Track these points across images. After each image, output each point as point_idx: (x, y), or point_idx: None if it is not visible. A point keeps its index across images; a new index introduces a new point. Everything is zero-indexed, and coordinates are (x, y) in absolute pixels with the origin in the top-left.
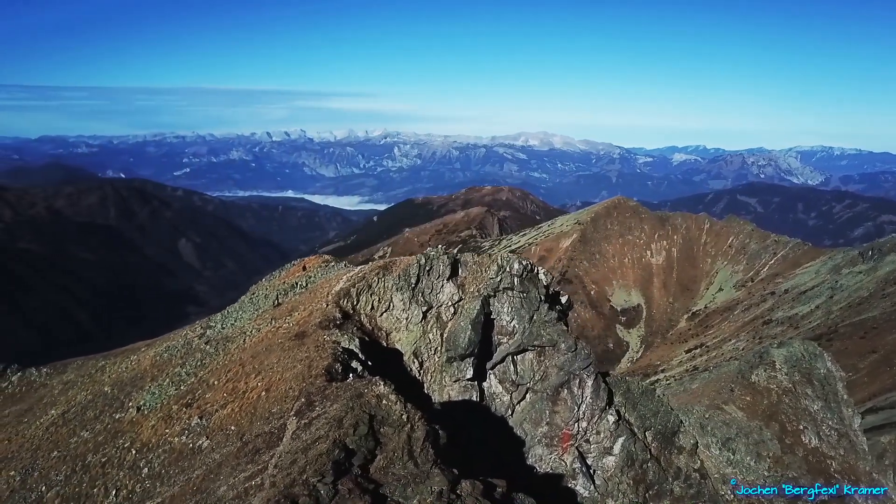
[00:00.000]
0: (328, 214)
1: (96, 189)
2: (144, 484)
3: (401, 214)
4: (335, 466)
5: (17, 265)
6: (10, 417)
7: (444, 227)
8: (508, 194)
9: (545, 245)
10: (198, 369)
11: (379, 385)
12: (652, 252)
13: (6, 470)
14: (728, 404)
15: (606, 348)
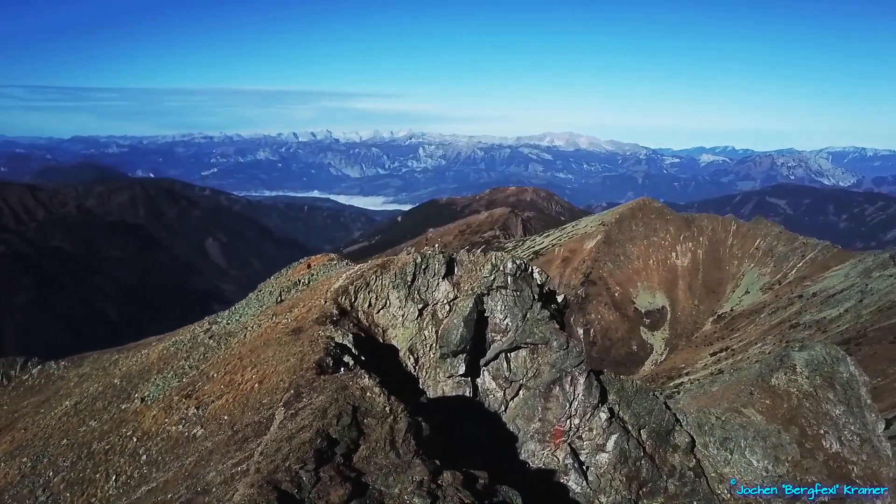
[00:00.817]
0: (353, 214)
1: (126, 189)
2: (142, 470)
3: (425, 215)
4: (317, 455)
5: (50, 263)
6: (28, 408)
7: (468, 228)
8: (533, 195)
9: (569, 246)
10: (200, 362)
11: (364, 378)
12: (677, 254)
13: (20, 457)
14: (747, 407)
15: (630, 350)
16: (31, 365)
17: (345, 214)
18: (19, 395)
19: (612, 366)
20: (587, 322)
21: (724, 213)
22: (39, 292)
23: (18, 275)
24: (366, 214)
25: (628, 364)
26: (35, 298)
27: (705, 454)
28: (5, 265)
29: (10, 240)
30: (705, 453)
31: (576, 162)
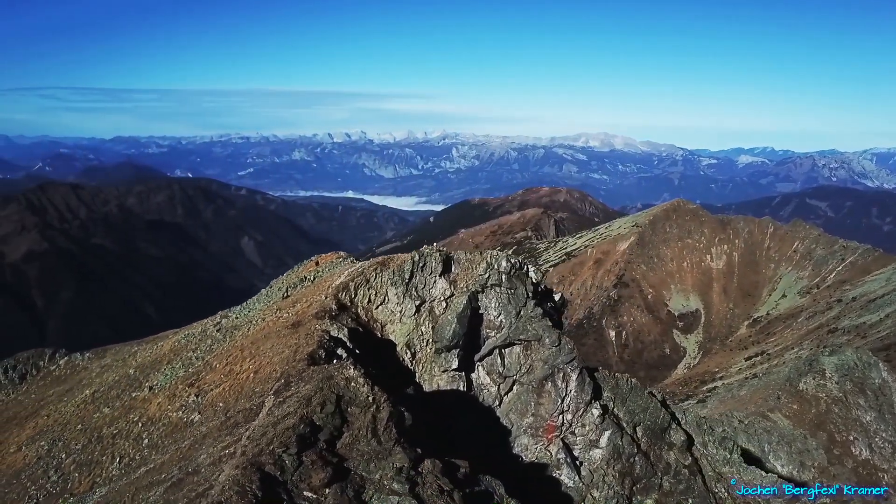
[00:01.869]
0: (386, 215)
1: (165, 188)
2: (143, 452)
3: (457, 215)
4: (300, 440)
5: (91, 260)
6: (53, 396)
7: (500, 229)
8: (566, 196)
9: (601, 248)
10: (206, 354)
11: (349, 369)
12: (712, 256)
13: (39, 441)
14: (773, 412)
15: (662, 353)
16: (58, 356)
17: (378, 215)
18: (46, 384)
19: (644, 369)
20: (619, 324)
21: (762, 215)
22: (82, 288)
23: (62, 271)
24: (399, 215)
25: (660, 367)
26: (78, 294)
27: (703, 453)
28: (50, 262)
29: (54, 237)
30: (704, 452)
31: (611, 163)
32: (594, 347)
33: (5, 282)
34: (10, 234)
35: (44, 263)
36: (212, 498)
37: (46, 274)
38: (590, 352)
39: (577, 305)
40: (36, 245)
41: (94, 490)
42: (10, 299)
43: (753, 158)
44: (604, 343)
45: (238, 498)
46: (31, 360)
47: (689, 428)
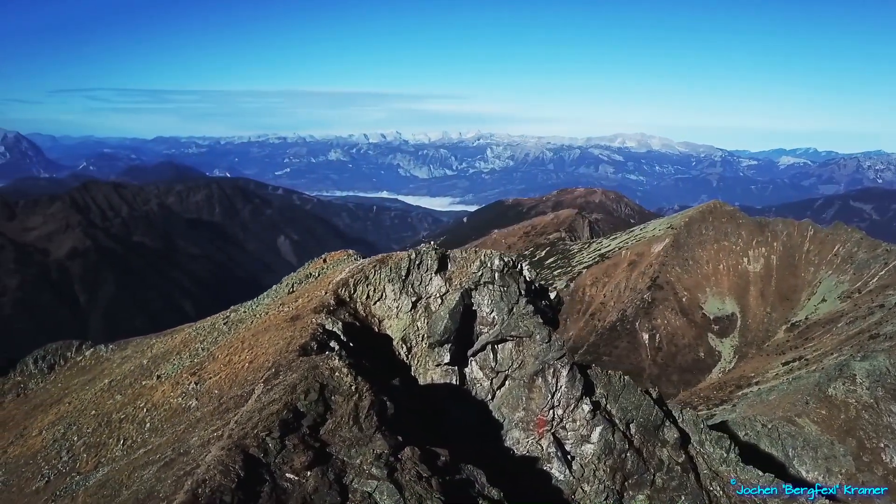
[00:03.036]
0: (420, 215)
1: (203, 187)
2: (144, 436)
3: (490, 216)
4: (283, 425)
5: (132, 257)
6: (77, 385)
7: (533, 229)
8: (601, 196)
9: (636, 249)
10: (211, 345)
11: (334, 359)
12: (749, 259)
13: (57, 426)
14: (801, 417)
15: (697, 357)
16: (84, 348)
17: (412, 215)
18: (72, 374)
19: (677, 372)
20: (653, 327)
21: (803, 217)
22: (122, 285)
23: (104, 268)
24: (432, 215)
25: (694, 371)
26: (119, 290)
27: (700, 451)
28: (93, 259)
29: (96, 235)
30: (700, 450)
31: (647, 163)
32: (627, 350)
33: (50, 278)
34: (55, 231)
35: (86, 260)
36: (197, 476)
37: (89, 271)
38: (622, 354)
39: (611, 308)
40: (79, 243)
41: (98, 469)
42: (54, 295)
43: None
44: (637, 346)
45: (221, 477)
46: (60, 351)
47: (685, 426)
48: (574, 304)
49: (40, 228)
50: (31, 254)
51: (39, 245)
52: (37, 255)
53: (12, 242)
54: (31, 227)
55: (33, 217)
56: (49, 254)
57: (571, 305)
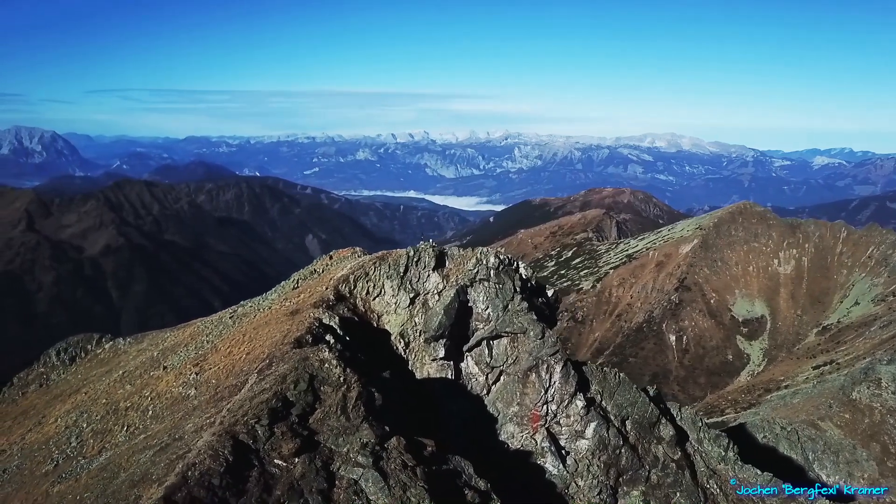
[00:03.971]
0: (447, 214)
1: (233, 186)
2: (146, 423)
3: (517, 215)
4: (271, 413)
5: (164, 254)
6: (95, 377)
7: (559, 229)
8: (630, 197)
9: (663, 250)
10: (215, 338)
11: (324, 351)
12: (780, 261)
13: (71, 414)
14: (824, 420)
15: (725, 360)
16: (104, 340)
17: (439, 214)
18: (92, 366)
19: (705, 375)
20: (680, 329)
21: (838, 219)
22: (154, 282)
23: (136, 265)
24: (459, 215)
25: (722, 374)
26: (150, 287)
27: (698, 449)
28: (125, 256)
29: (129, 233)
30: (698, 448)
31: (677, 163)
32: (653, 352)
33: (84, 274)
34: (90, 229)
35: (119, 257)
36: (188, 460)
37: (121, 267)
38: (649, 356)
39: (637, 309)
40: (112, 240)
41: (101, 454)
42: (88, 291)
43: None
44: (663, 348)
45: (211, 461)
46: (81, 343)
47: (683, 424)
48: (600, 305)
49: (75, 226)
50: (66, 251)
51: (74, 242)
52: (71, 252)
53: (48, 240)
54: (66, 225)
55: (68, 215)
56: (83, 251)
57: (598, 306)
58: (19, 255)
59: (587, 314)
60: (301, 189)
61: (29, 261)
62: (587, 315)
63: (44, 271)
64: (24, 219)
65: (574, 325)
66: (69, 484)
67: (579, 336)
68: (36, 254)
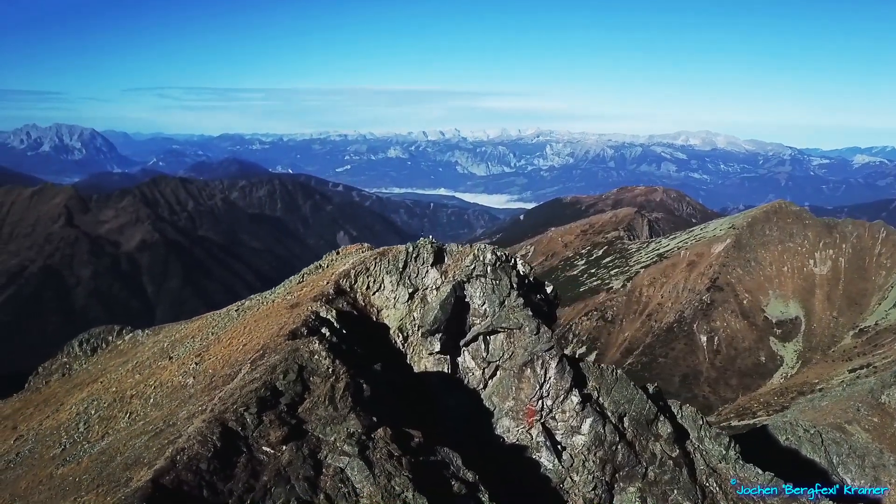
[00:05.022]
0: (477, 212)
1: (266, 183)
2: (147, 410)
3: (548, 213)
4: (260, 401)
5: (198, 250)
6: (113, 367)
7: (590, 228)
8: (663, 195)
9: (695, 249)
10: (220, 330)
11: (314, 343)
12: (815, 261)
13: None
14: (851, 424)
15: (758, 361)
16: (124, 332)
17: (468, 212)
18: (111, 357)
19: (736, 376)
20: (711, 329)
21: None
22: (188, 277)
23: (172, 260)
24: (489, 212)
25: (754, 376)
26: (184, 282)
27: (699, 447)
28: (160, 252)
29: (164, 228)
30: (699, 447)
31: (712, 162)
32: (684, 352)
33: (121, 269)
34: (126, 224)
35: (154, 253)
36: (178, 445)
37: (156, 262)
38: (679, 356)
39: (668, 309)
40: (148, 235)
41: (104, 439)
42: (124, 285)
43: (871, 158)
44: (694, 348)
45: (199, 446)
46: (102, 335)
47: (684, 422)
48: (631, 305)
49: (112, 221)
50: (104, 246)
51: (111, 237)
52: (108, 247)
53: (86, 235)
54: (104, 221)
55: (106, 211)
56: (120, 246)
57: (628, 305)
58: (59, 249)
59: (617, 313)
60: (333, 186)
61: (68, 255)
62: (617, 314)
63: (82, 266)
64: (64, 214)
65: (604, 325)
66: (71, 467)
67: (608, 335)
68: (75, 248)
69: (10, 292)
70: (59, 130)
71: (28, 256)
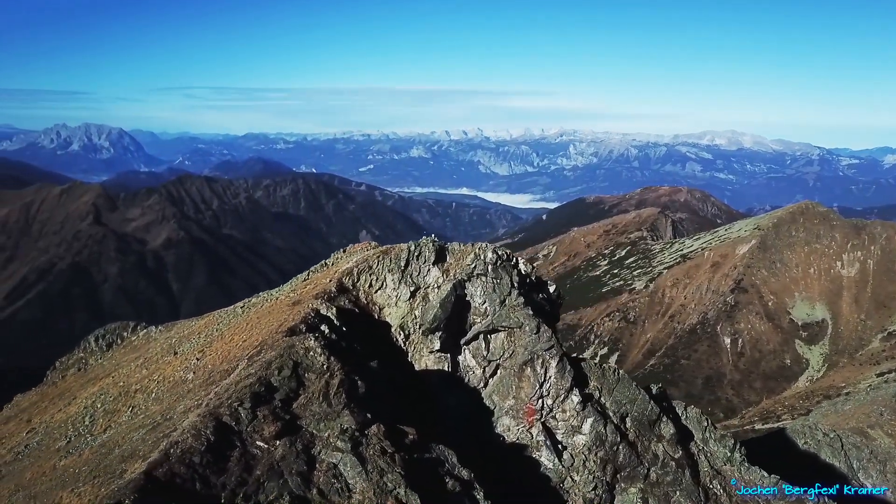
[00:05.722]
0: (499, 212)
1: (290, 182)
2: (148, 404)
3: (570, 213)
4: (254, 397)
5: (222, 248)
6: (126, 362)
7: (613, 228)
8: (687, 195)
9: (719, 250)
10: (224, 327)
11: (309, 340)
12: (843, 263)
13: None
14: (874, 428)
15: (783, 364)
16: (139, 328)
17: (491, 212)
18: (125, 352)
19: (760, 379)
20: (735, 331)
21: None
22: (212, 274)
23: (197, 258)
24: (511, 212)
25: (779, 378)
26: (209, 280)
27: (703, 449)
28: (186, 249)
29: (189, 227)
30: (703, 448)
31: (738, 162)
32: (707, 354)
33: (147, 266)
34: (153, 222)
35: (179, 250)
36: (172, 438)
37: (182, 260)
38: (702, 358)
39: (691, 310)
40: (173, 233)
41: (106, 431)
42: (150, 282)
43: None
44: (718, 350)
45: (193, 440)
46: (118, 331)
47: (688, 423)
48: (653, 306)
49: (139, 219)
50: (130, 243)
51: (138, 235)
52: (135, 245)
53: (114, 232)
54: (131, 219)
55: (133, 209)
56: (146, 244)
57: (650, 307)
58: (87, 246)
59: (639, 314)
60: (356, 186)
61: (96, 253)
62: (639, 315)
63: (109, 263)
64: (92, 212)
65: (626, 326)
66: (73, 459)
67: (630, 336)
68: (102, 246)
69: (39, 289)
70: (88, 130)
71: (57, 254)
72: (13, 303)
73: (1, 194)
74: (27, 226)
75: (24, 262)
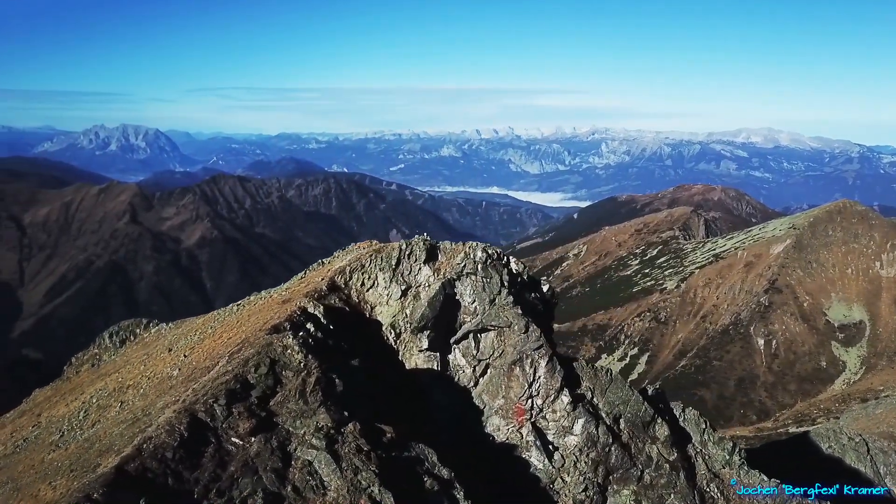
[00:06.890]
0: (529, 211)
1: (322, 182)
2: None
3: (602, 212)
4: (230, 394)
5: (255, 247)
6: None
7: (645, 227)
8: (721, 194)
9: (753, 250)
10: (218, 324)
11: (287, 338)
12: (882, 263)
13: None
14: None
15: (818, 366)
16: (151, 325)
17: (521, 211)
18: (137, 349)
19: (795, 381)
20: (769, 332)
21: None
22: (245, 273)
23: (229, 256)
24: (542, 211)
25: (814, 381)
26: (241, 279)
27: (701, 451)
28: (219, 248)
29: (222, 226)
30: (702, 451)
31: (774, 160)
32: (740, 355)
33: (181, 265)
34: (187, 221)
35: (213, 249)
36: (147, 433)
37: (215, 259)
38: (734, 359)
39: (724, 310)
40: (207, 232)
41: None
42: (184, 280)
43: None
44: (751, 351)
45: (166, 435)
46: (131, 327)
47: (686, 425)
48: (685, 306)
49: (174, 219)
50: (165, 242)
51: (172, 234)
52: (170, 244)
53: (150, 231)
54: (166, 218)
55: (168, 208)
56: (181, 242)
57: (682, 307)
58: (123, 245)
59: (670, 314)
60: (387, 185)
61: (132, 251)
62: (670, 315)
63: (145, 261)
64: (129, 211)
65: (657, 326)
66: (60, 452)
67: (661, 337)
68: (138, 244)
69: (77, 286)
70: (126, 130)
71: (95, 252)
72: (52, 300)
73: (42, 194)
74: (67, 224)
75: (63, 260)
